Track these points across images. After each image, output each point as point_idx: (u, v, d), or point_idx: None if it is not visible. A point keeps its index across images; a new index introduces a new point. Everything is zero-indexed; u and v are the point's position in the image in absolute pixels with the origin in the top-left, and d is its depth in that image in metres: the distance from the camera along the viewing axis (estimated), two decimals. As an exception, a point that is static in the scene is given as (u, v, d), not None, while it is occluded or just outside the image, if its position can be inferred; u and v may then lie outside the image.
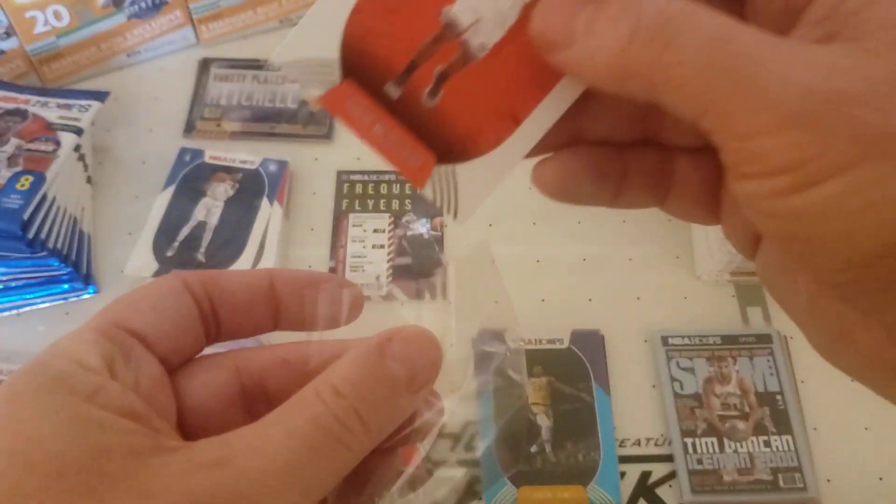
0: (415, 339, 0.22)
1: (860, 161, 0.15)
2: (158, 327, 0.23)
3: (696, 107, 0.17)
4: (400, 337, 0.22)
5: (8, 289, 0.56)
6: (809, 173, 0.16)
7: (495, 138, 0.20)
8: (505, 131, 0.20)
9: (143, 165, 0.65)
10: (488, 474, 0.50)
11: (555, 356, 0.54)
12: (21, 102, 0.60)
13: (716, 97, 0.16)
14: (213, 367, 0.24)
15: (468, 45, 0.19)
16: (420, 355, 0.22)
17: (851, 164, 0.15)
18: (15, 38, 0.65)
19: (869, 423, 0.52)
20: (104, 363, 0.20)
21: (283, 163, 0.62)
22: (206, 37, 0.73)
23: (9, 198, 0.53)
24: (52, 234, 0.55)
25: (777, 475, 0.50)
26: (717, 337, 0.55)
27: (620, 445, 0.52)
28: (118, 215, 0.62)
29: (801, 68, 0.16)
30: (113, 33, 0.69)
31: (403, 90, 0.20)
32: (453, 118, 0.20)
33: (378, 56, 0.19)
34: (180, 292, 0.23)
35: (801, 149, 0.15)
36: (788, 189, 0.16)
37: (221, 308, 0.24)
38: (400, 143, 0.20)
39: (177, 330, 0.23)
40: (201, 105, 0.69)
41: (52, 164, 0.56)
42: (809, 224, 0.16)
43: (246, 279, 0.25)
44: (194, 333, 0.24)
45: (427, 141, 0.20)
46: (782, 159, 0.16)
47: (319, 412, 0.20)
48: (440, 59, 0.20)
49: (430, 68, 0.20)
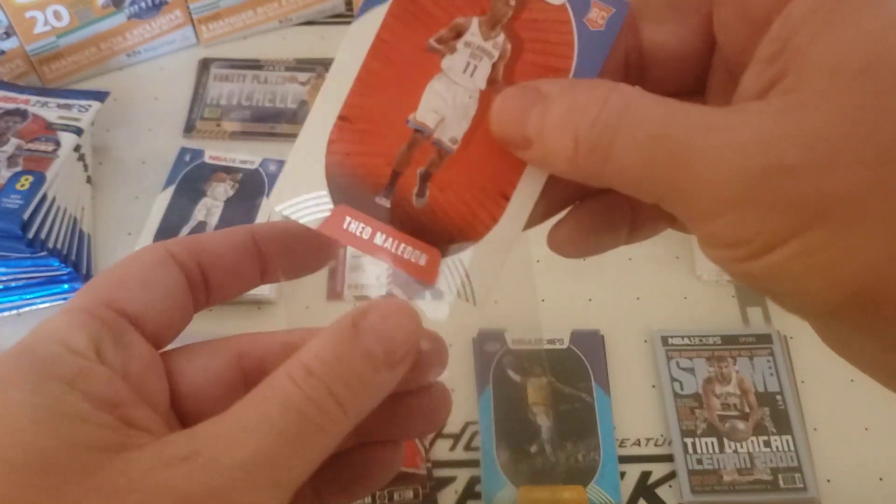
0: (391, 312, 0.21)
1: (801, 230, 0.16)
2: (149, 305, 0.22)
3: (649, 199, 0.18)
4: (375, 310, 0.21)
5: (8, 289, 0.56)
6: (758, 246, 0.17)
7: (490, 218, 0.21)
8: (497, 209, 0.21)
9: (143, 165, 0.65)
10: (488, 474, 0.50)
11: (555, 356, 0.54)
12: (21, 102, 0.60)
13: (661, 192, 0.18)
14: (212, 352, 0.23)
15: (440, 142, 0.21)
16: (397, 329, 0.21)
17: (793, 234, 0.16)
18: (15, 38, 0.65)
19: (869, 423, 0.52)
20: (92, 345, 0.20)
21: (283, 163, 0.62)
22: (206, 37, 0.73)
23: (9, 198, 0.53)
24: (52, 234, 0.55)
25: (777, 475, 0.50)
26: (717, 337, 0.55)
27: (620, 445, 0.52)
28: (118, 215, 0.62)
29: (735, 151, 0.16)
30: (113, 33, 0.69)
31: (393, 198, 0.21)
32: (446, 211, 0.21)
33: (361, 175, 0.21)
34: (167, 263, 0.22)
35: (745, 227, 0.17)
36: (744, 258, 0.17)
37: (211, 272, 0.23)
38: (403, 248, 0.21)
39: (167, 305, 0.22)
40: (201, 105, 0.69)
41: (51, 164, 0.56)
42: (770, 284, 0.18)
43: (230, 239, 0.24)
44: (184, 305, 0.23)
45: (428, 238, 0.21)
46: (732, 236, 0.17)
47: (291, 395, 0.19)
48: (419, 162, 0.21)
49: (412, 172, 0.21)
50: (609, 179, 0.18)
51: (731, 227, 0.17)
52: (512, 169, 0.21)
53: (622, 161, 0.18)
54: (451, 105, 0.21)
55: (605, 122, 0.18)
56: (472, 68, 0.21)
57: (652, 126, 0.17)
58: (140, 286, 0.22)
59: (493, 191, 0.21)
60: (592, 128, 0.18)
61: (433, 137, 0.21)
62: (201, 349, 0.23)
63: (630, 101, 0.18)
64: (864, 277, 0.16)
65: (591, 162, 0.18)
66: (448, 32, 0.21)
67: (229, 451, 0.18)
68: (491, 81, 0.21)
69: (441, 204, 0.21)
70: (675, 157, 0.17)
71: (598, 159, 0.18)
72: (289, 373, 0.20)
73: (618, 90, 0.18)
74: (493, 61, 0.21)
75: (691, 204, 0.17)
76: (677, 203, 0.18)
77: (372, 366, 0.20)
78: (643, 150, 0.17)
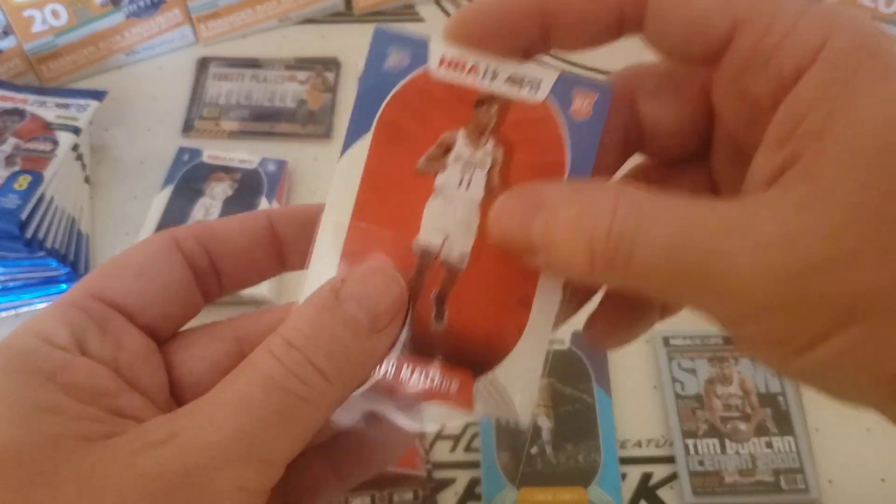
0: (371, 276, 0.20)
1: (839, 328, 0.16)
2: (142, 296, 0.21)
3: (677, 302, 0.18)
4: (355, 276, 0.20)
5: (6, 289, 0.56)
6: (799, 345, 0.16)
7: (517, 329, 0.20)
8: (522, 318, 0.20)
9: (142, 165, 0.65)
10: (488, 476, 0.50)
11: (555, 357, 0.54)
12: (19, 102, 0.60)
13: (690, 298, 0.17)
14: (210, 338, 0.23)
15: (449, 261, 0.20)
16: (379, 292, 0.20)
17: (832, 332, 0.16)
18: (13, 37, 0.65)
19: (871, 424, 0.52)
20: (73, 338, 0.20)
21: (282, 162, 0.62)
22: (204, 35, 0.73)
23: (6, 198, 0.52)
24: (50, 234, 0.55)
25: (779, 476, 0.50)
26: (718, 337, 0.55)
27: (621, 447, 0.52)
28: (116, 215, 0.62)
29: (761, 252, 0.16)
30: (111, 32, 0.69)
31: (411, 328, 0.20)
32: (469, 330, 0.20)
33: None
34: (170, 253, 0.22)
35: (783, 327, 0.16)
36: (785, 357, 0.17)
37: (221, 260, 0.23)
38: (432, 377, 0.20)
39: (165, 296, 0.22)
40: (200, 104, 0.68)
41: (49, 164, 0.55)
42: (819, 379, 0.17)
43: (243, 223, 0.23)
44: (186, 297, 0.22)
45: (455, 362, 0.20)
46: (771, 337, 0.17)
47: (272, 369, 0.19)
48: (431, 285, 0.20)
49: (426, 297, 0.20)
50: (632, 285, 0.18)
51: (769, 329, 0.17)
52: (527, 274, 0.20)
53: (644, 270, 0.17)
54: (453, 221, 0.20)
55: (619, 232, 0.17)
56: (466, 181, 0.20)
57: (671, 234, 0.17)
58: (134, 276, 0.21)
59: (512, 300, 0.20)
60: (608, 239, 0.17)
61: (441, 257, 0.20)
62: (197, 336, 0.23)
63: (642, 208, 0.17)
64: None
65: (611, 270, 0.17)
66: (436, 150, 0.20)
67: (207, 431, 0.18)
68: (489, 190, 0.20)
69: (462, 324, 0.20)
70: (701, 264, 0.16)
71: (619, 268, 0.17)
72: (269, 348, 0.19)
73: (625, 195, 0.17)
74: (487, 170, 0.20)
75: (723, 309, 0.17)
76: (709, 308, 0.17)
77: (355, 333, 0.19)
78: (665, 260, 0.17)
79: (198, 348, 0.22)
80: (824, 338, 0.16)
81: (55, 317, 0.20)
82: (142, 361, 0.21)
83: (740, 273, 0.16)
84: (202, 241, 0.23)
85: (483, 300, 0.20)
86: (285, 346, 0.19)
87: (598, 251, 0.17)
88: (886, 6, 0.69)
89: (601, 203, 0.17)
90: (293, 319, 0.20)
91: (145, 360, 0.21)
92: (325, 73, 0.71)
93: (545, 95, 0.20)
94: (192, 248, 0.22)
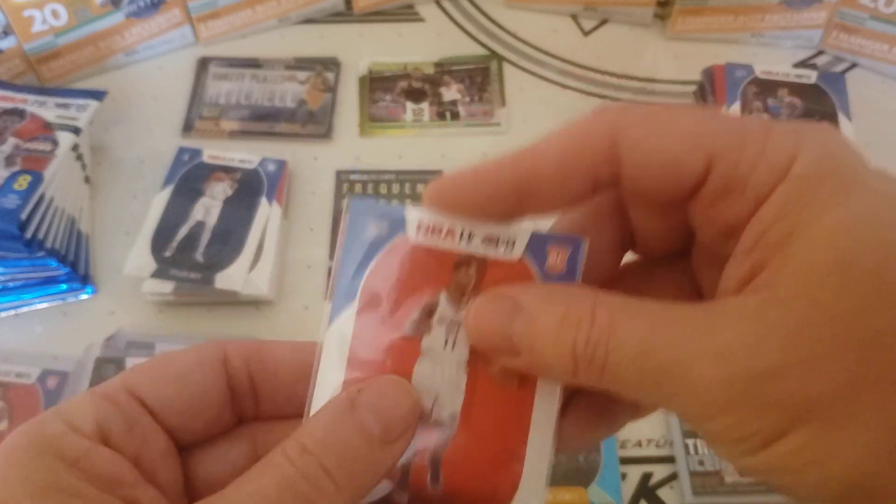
0: (387, 388, 0.21)
1: (790, 429, 0.17)
2: (172, 402, 0.22)
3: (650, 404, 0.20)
4: (371, 387, 0.21)
5: (6, 289, 0.56)
6: (755, 444, 0.17)
7: (511, 483, 0.21)
8: (517, 472, 0.21)
9: (142, 165, 0.65)
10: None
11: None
12: (19, 102, 0.60)
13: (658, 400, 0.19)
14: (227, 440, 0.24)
15: (440, 422, 0.21)
16: (393, 405, 0.21)
17: (784, 432, 0.17)
18: (13, 37, 0.65)
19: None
20: (97, 428, 0.21)
21: (282, 162, 0.62)
22: (204, 35, 0.73)
23: (6, 198, 0.52)
24: (50, 234, 0.55)
25: (779, 476, 0.50)
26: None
27: (621, 447, 0.52)
28: (116, 215, 0.62)
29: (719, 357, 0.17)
30: (111, 32, 0.69)
31: (409, 491, 0.21)
32: (465, 490, 0.21)
33: None
34: (213, 366, 0.23)
35: (740, 427, 0.17)
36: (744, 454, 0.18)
37: (262, 385, 0.23)
38: None
39: (195, 407, 0.23)
40: (200, 104, 0.68)
41: (49, 164, 0.55)
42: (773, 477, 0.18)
43: (294, 354, 0.24)
44: (216, 413, 0.23)
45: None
46: (730, 436, 0.18)
47: (286, 471, 0.19)
48: (425, 447, 0.21)
49: (421, 460, 0.21)
50: (608, 388, 0.19)
51: (728, 428, 0.18)
52: (517, 427, 0.21)
53: (617, 374, 0.19)
54: (441, 381, 0.21)
55: (596, 340, 0.18)
56: (451, 342, 0.21)
57: (638, 341, 0.18)
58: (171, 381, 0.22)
59: (505, 456, 0.21)
60: (587, 346, 0.19)
61: (433, 419, 0.21)
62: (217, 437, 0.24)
63: (614, 316, 0.19)
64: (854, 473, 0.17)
65: (590, 374, 0.19)
66: (420, 315, 0.21)
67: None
68: (473, 349, 0.21)
69: (459, 484, 0.21)
70: (665, 370, 0.18)
71: (596, 372, 0.19)
72: (284, 450, 0.20)
73: (601, 303, 0.19)
74: None
75: (687, 409, 0.18)
76: (675, 408, 0.19)
77: (367, 442, 0.20)
78: (634, 365, 0.18)
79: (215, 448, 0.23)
80: (779, 437, 0.17)
81: (85, 406, 0.21)
82: (161, 458, 0.22)
83: (699, 376, 0.17)
84: (249, 363, 0.23)
85: (476, 459, 0.21)
86: (299, 449, 0.20)
87: (580, 356, 0.19)
88: (886, 6, 0.69)
89: (581, 310, 0.19)
90: (309, 424, 0.21)
91: (164, 457, 0.22)
92: (324, 73, 0.71)
93: (521, 253, 0.21)
94: (237, 368, 0.23)
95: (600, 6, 0.76)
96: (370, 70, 0.72)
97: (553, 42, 0.75)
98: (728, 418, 0.18)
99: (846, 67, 0.73)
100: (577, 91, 0.72)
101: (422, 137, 0.68)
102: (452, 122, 0.68)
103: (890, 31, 0.70)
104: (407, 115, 0.69)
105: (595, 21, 0.77)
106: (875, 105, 0.70)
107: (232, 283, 0.55)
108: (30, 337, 0.56)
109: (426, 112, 0.69)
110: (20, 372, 0.52)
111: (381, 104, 0.69)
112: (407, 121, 0.68)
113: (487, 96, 0.70)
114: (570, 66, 0.74)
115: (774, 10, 0.72)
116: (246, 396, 0.24)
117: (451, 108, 0.69)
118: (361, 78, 0.71)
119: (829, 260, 0.17)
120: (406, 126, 0.68)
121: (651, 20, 0.76)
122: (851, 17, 0.71)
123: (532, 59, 0.74)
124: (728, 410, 0.17)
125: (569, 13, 0.77)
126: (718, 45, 0.74)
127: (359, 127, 0.68)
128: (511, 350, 0.20)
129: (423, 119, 0.69)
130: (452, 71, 0.72)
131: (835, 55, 0.74)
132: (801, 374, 0.17)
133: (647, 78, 0.73)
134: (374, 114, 0.69)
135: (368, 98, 0.70)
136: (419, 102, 0.70)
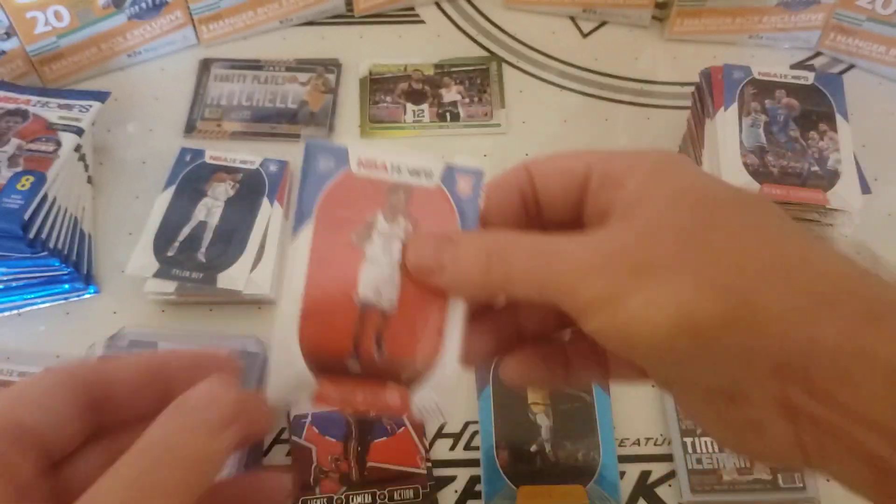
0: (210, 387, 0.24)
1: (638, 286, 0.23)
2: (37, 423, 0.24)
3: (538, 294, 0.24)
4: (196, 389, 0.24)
5: (9, 289, 0.56)
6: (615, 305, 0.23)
7: (434, 351, 0.27)
8: (438, 343, 0.27)
9: (144, 165, 0.65)
10: (488, 474, 0.50)
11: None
12: (21, 103, 0.60)
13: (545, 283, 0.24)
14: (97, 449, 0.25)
15: (381, 307, 0.27)
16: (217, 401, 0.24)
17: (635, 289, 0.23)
18: (15, 39, 0.65)
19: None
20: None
21: (284, 163, 0.62)
22: (206, 37, 0.73)
23: (9, 198, 0.53)
24: (53, 234, 0.55)
25: (776, 475, 0.50)
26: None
27: (620, 445, 0.52)
28: (119, 215, 0.62)
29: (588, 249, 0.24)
30: (113, 34, 0.69)
31: (360, 360, 0.27)
32: (402, 356, 0.27)
33: (331, 350, 0.26)
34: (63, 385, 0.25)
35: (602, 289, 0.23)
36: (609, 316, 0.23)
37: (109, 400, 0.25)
38: (378, 395, 0.27)
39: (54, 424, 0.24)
40: (202, 105, 0.69)
41: (52, 165, 0.56)
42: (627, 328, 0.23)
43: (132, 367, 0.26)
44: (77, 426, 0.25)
45: (395, 381, 0.27)
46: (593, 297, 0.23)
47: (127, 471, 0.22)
48: (371, 327, 0.27)
49: (369, 336, 0.27)
50: (513, 292, 0.25)
51: (590, 289, 0.23)
52: (439, 312, 0.27)
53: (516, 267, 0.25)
54: (381, 279, 0.27)
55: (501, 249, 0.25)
56: (388, 249, 0.27)
57: (532, 247, 0.25)
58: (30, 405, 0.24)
59: (430, 330, 0.27)
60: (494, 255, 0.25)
61: (376, 306, 0.27)
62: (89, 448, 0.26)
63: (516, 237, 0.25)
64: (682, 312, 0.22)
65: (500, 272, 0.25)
66: (363, 229, 0.27)
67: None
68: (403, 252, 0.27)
69: (397, 352, 0.27)
70: (550, 264, 0.24)
71: (504, 270, 0.25)
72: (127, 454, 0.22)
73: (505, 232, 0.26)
74: (402, 238, 0.27)
75: (565, 282, 0.24)
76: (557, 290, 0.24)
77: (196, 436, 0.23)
78: (530, 262, 0.25)
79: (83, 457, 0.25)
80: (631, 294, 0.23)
81: None
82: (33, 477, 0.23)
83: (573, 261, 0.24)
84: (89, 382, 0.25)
85: (409, 333, 0.27)
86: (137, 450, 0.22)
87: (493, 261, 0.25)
88: (883, 8, 0.69)
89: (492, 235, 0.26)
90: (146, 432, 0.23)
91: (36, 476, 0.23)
92: (325, 75, 0.71)
93: (438, 181, 0.28)
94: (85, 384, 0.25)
95: (599, 8, 0.77)
96: (371, 71, 0.72)
97: (552, 44, 0.76)
98: (592, 285, 0.23)
99: (844, 69, 0.74)
100: (576, 92, 0.72)
101: (422, 138, 0.68)
102: (452, 124, 0.69)
103: (887, 33, 0.71)
104: (407, 116, 0.69)
105: (594, 23, 0.78)
106: (872, 106, 0.70)
107: (234, 283, 0.55)
108: (33, 337, 0.56)
109: (426, 113, 0.69)
110: (23, 371, 0.53)
111: (382, 105, 0.70)
112: (407, 122, 0.69)
113: (487, 97, 0.71)
114: (569, 68, 0.74)
115: (772, 12, 0.73)
116: (99, 409, 0.25)
117: (450, 109, 0.70)
118: (362, 79, 0.72)
119: (663, 199, 0.25)
120: (406, 127, 0.69)
121: (649, 22, 0.76)
122: (849, 18, 0.71)
123: (531, 61, 0.75)
124: (592, 279, 0.23)
125: (567, 15, 0.78)
126: (716, 47, 0.74)
127: (359, 128, 0.68)
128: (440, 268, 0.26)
129: (424, 120, 0.69)
130: (452, 72, 0.72)
131: (832, 56, 0.75)
132: (643, 246, 0.23)
133: (645, 79, 0.73)
134: (374, 115, 0.69)
135: (369, 99, 0.70)
136: (419, 104, 0.70)
